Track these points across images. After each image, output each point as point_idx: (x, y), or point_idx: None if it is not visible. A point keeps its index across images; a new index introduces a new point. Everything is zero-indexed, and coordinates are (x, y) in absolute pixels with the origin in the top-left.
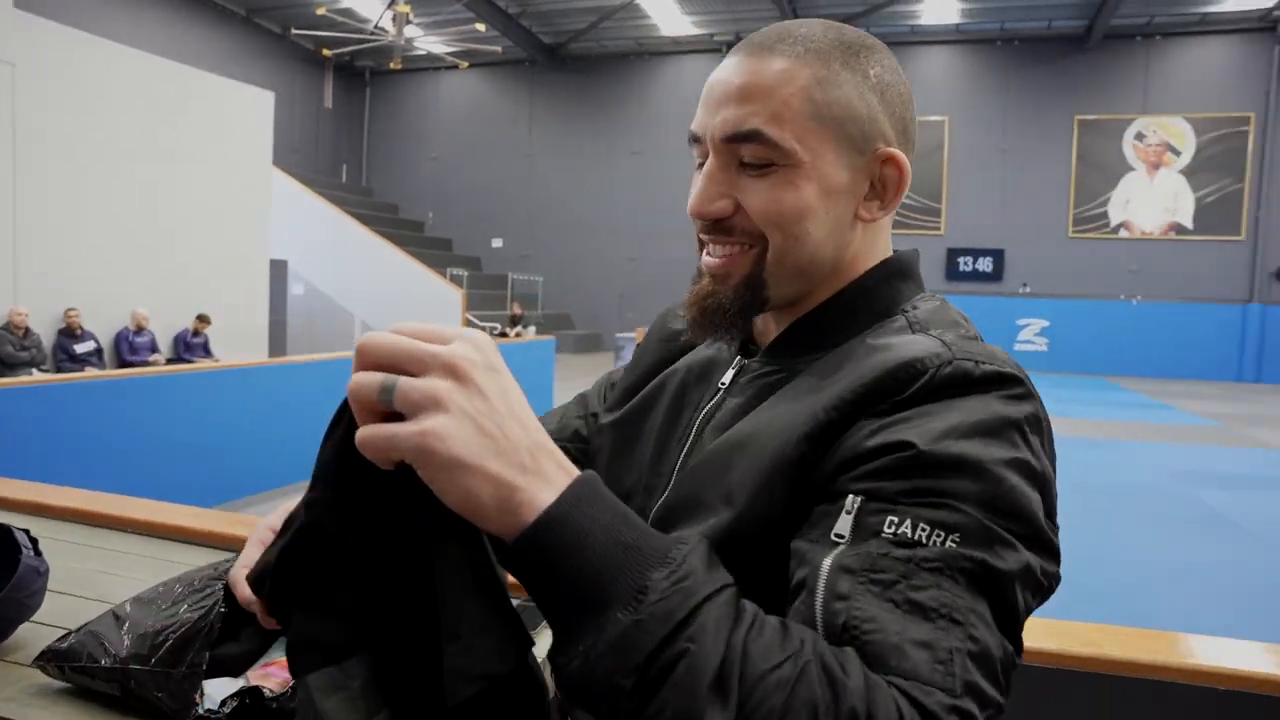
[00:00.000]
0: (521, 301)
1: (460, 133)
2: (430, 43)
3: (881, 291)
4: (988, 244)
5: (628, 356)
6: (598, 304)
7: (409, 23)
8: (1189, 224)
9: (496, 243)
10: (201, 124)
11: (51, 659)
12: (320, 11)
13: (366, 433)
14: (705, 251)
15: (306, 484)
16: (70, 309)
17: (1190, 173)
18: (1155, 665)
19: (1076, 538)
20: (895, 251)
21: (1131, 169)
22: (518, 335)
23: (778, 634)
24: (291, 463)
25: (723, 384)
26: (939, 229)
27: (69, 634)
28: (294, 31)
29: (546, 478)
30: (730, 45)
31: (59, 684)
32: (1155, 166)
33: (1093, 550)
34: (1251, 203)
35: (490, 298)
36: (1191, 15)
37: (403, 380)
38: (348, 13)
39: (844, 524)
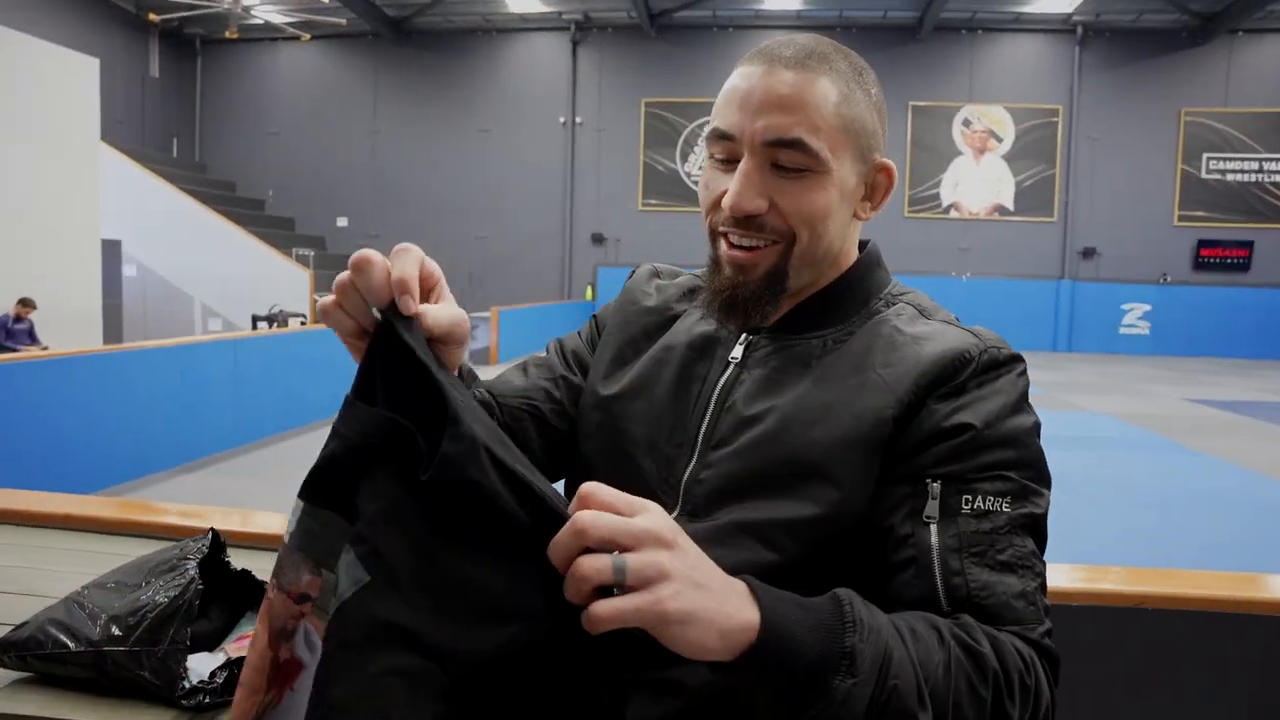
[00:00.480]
0: None
1: (301, 107)
2: (267, 11)
3: (866, 279)
4: None
5: (482, 336)
6: (448, 283)
7: None
8: (1010, 205)
9: (342, 221)
10: (18, 92)
11: (10, 649)
12: None
13: (603, 609)
14: (727, 243)
15: (153, 478)
16: None
17: (1011, 158)
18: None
19: None
20: (866, 242)
21: (960, 153)
22: None
23: (927, 633)
24: (138, 453)
25: (734, 358)
26: None
27: (23, 625)
28: None
29: (741, 599)
30: (579, 24)
31: (18, 674)
32: (981, 151)
33: None
34: (1062, 187)
35: (333, 278)
36: (1008, 14)
37: (631, 559)
38: None
39: (932, 508)
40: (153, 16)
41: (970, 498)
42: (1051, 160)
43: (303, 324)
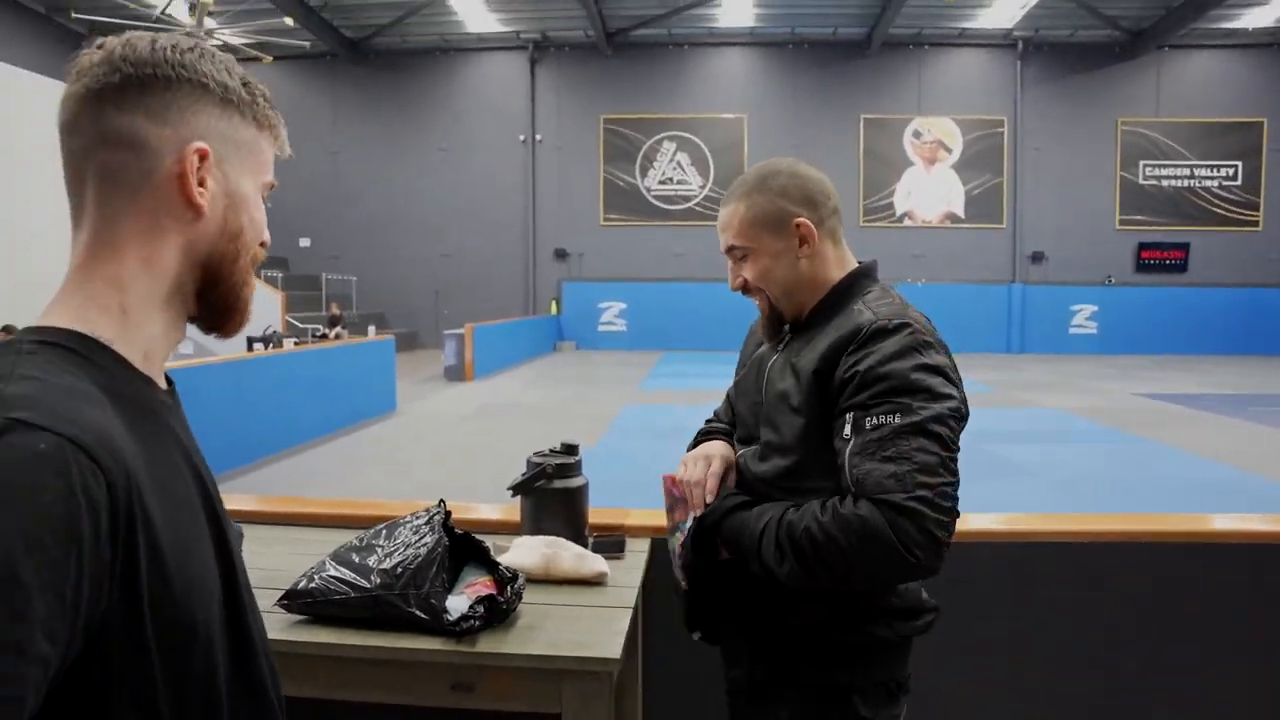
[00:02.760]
0: (338, 302)
1: None
2: (226, 34)
3: (849, 289)
4: None
5: (451, 354)
6: (413, 301)
7: (209, 14)
8: (961, 213)
9: (304, 242)
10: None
11: (299, 599)
12: None
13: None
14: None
15: None
16: None
17: (960, 168)
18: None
19: None
20: (860, 262)
21: (912, 163)
22: (337, 337)
23: (770, 515)
24: None
25: (775, 353)
26: None
27: (303, 580)
28: (75, 15)
29: None
30: (536, 44)
31: (297, 617)
32: (931, 162)
33: None
34: (1009, 194)
35: (304, 299)
36: (952, 30)
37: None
38: None
39: (847, 430)
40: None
41: (869, 418)
42: (999, 169)
43: (296, 344)
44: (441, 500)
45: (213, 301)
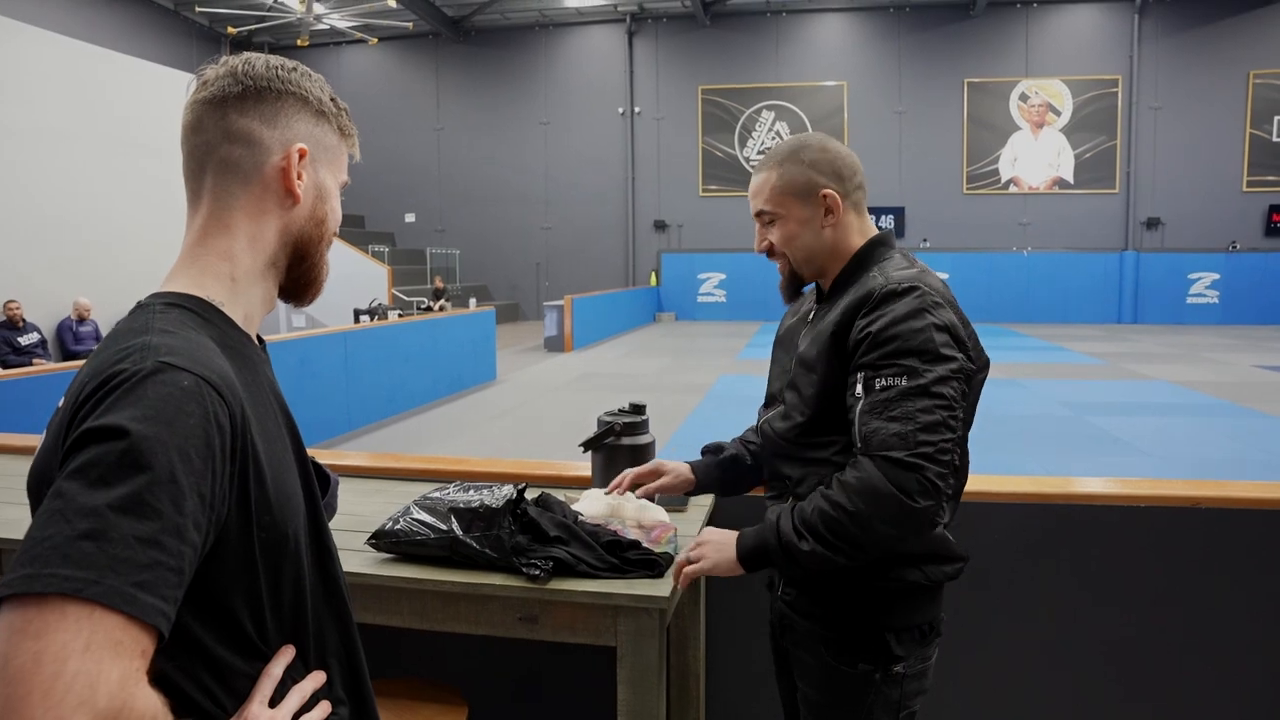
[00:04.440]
0: (441, 275)
1: (367, 108)
2: (334, 19)
3: (868, 256)
4: (889, 202)
5: (551, 325)
6: (515, 274)
7: (316, 0)
8: (1070, 179)
9: (410, 217)
10: (128, 109)
11: (385, 538)
12: None
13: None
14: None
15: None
16: (10, 301)
17: (1070, 131)
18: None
19: (996, 456)
20: (879, 229)
21: (1018, 128)
22: (441, 309)
23: (808, 502)
24: None
25: (807, 320)
26: None
27: (389, 523)
28: (199, 9)
29: (731, 544)
30: (634, 16)
31: (384, 555)
32: (1039, 126)
33: (1011, 465)
34: (1123, 158)
35: (409, 273)
36: None
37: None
38: None
39: (859, 389)
40: (231, 29)
41: (879, 379)
42: (1112, 131)
43: (400, 316)
44: (525, 484)
45: (297, 275)
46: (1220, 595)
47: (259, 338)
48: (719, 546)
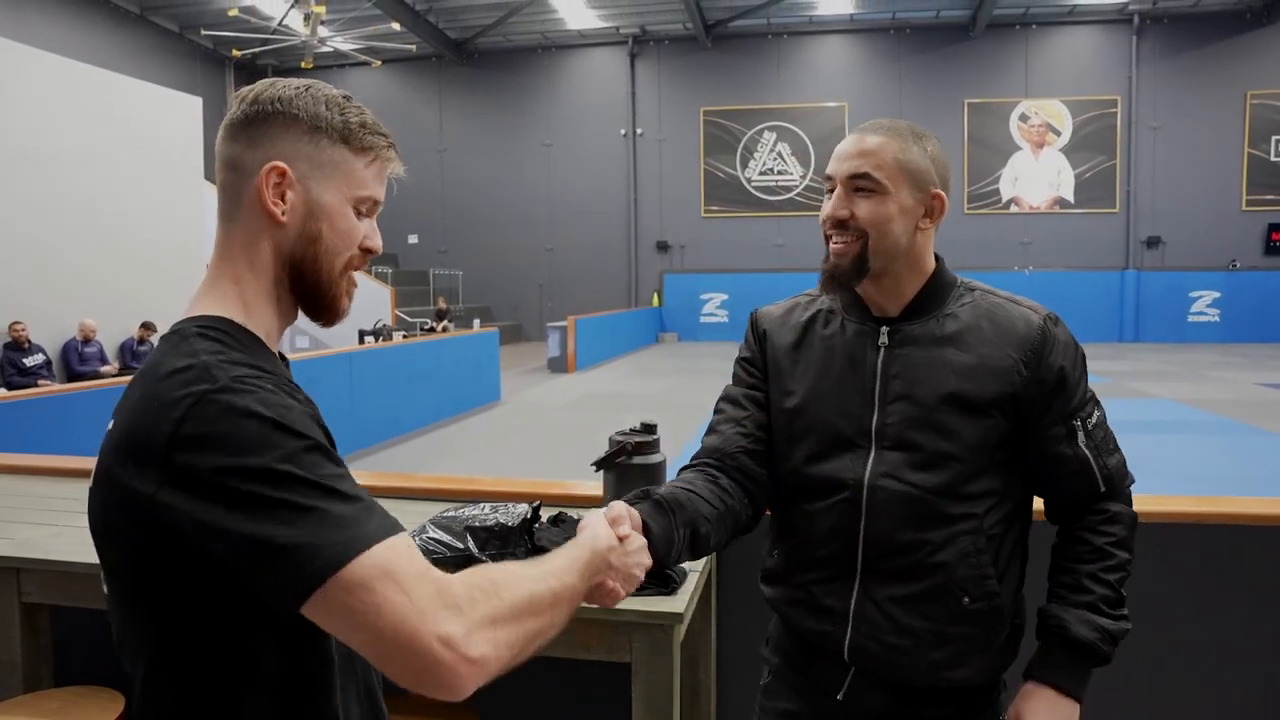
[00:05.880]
0: (444, 296)
1: None
2: (338, 41)
3: (946, 277)
4: None
5: (554, 346)
6: (518, 295)
7: (321, 22)
8: (1070, 198)
9: (413, 239)
10: (132, 130)
11: None
12: (233, 12)
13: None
14: (830, 242)
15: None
16: (15, 322)
17: (1070, 151)
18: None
19: None
20: (936, 254)
21: (1018, 148)
22: (445, 330)
23: (1101, 545)
24: None
25: (883, 344)
26: None
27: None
28: (204, 32)
29: None
30: (636, 38)
31: None
32: (1039, 145)
33: None
34: (1123, 177)
35: (413, 294)
36: (1062, 6)
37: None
38: (250, 10)
39: (1081, 436)
40: (236, 52)
41: (1090, 418)
42: (1111, 151)
43: (404, 337)
44: (539, 502)
45: (302, 294)
46: (1223, 611)
47: (281, 355)
48: (1049, 710)
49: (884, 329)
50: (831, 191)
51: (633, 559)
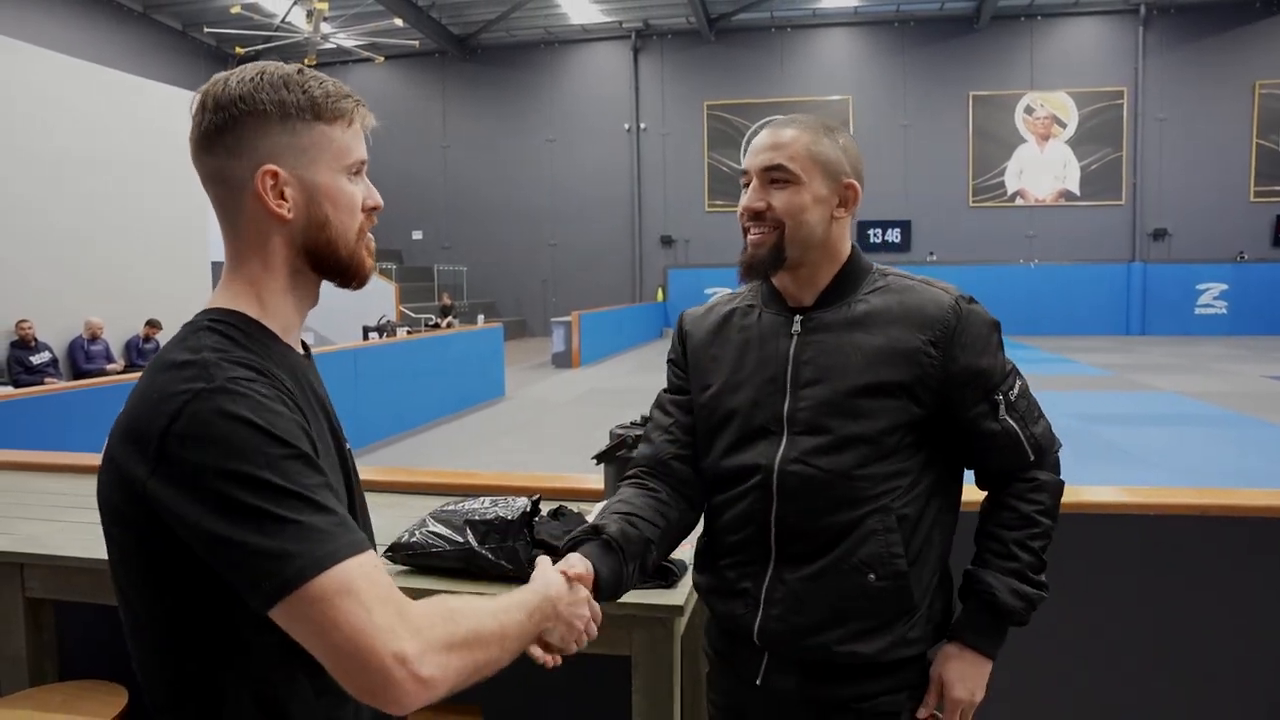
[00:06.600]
0: (449, 292)
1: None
2: (341, 38)
3: (859, 264)
4: (895, 216)
5: (559, 341)
6: (522, 290)
7: (324, 19)
8: (1076, 190)
9: (417, 235)
10: (135, 128)
11: (401, 551)
12: (235, 9)
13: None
14: (748, 234)
15: None
16: (22, 321)
17: (1075, 143)
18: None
19: None
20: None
21: (1023, 140)
22: (449, 326)
23: (1008, 540)
24: None
25: (795, 331)
26: None
27: (405, 535)
28: (207, 29)
29: None
30: (639, 32)
31: (400, 567)
32: (1044, 138)
33: None
34: (1129, 169)
35: (417, 290)
36: None
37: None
38: (253, 7)
39: (1002, 409)
40: (239, 49)
41: (1011, 390)
42: (1117, 143)
43: (408, 333)
44: (539, 496)
45: (326, 270)
46: (1227, 603)
47: (304, 344)
48: (972, 672)
49: (797, 317)
50: (748, 185)
51: (575, 610)
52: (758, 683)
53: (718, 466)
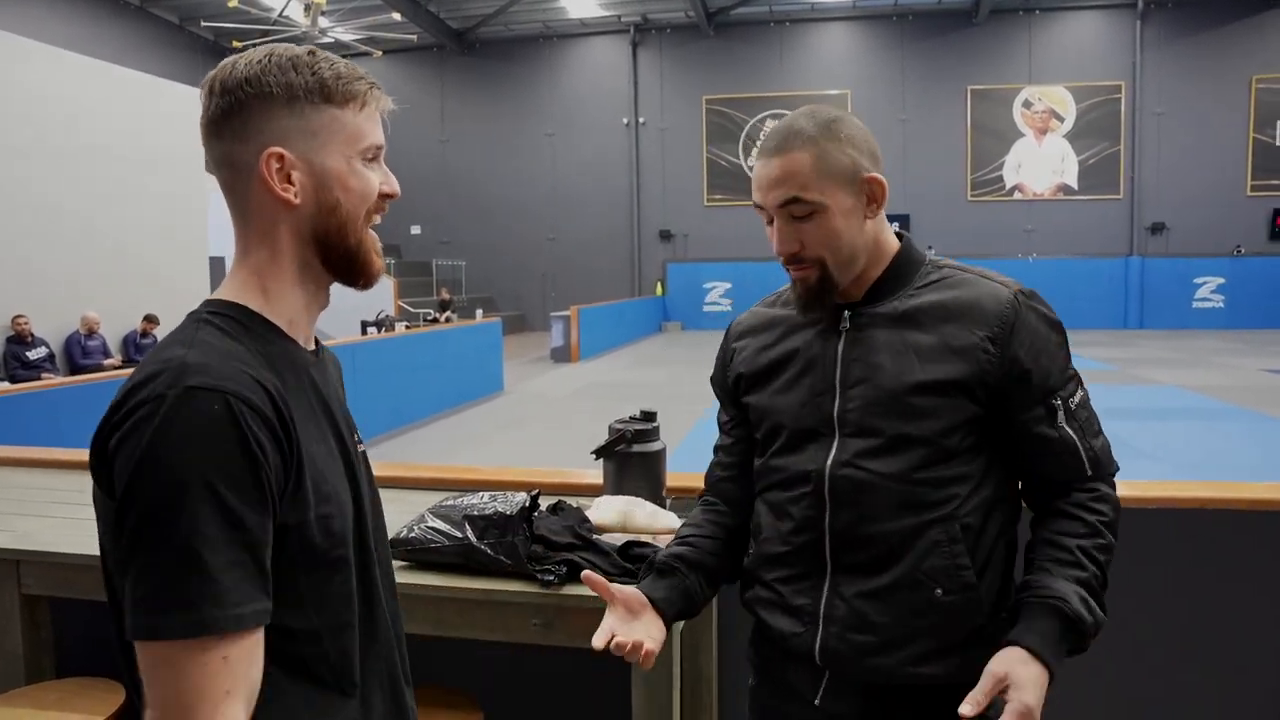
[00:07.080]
0: (448, 287)
1: None
2: (339, 32)
3: (912, 255)
4: (893, 210)
5: (558, 336)
6: (520, 285)
7: (322, 13)
8: (1074, 185)
9: (415, 229)
10: (132, 123)
11: (400, 546)
12: (233, 3)
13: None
14: (790, 271)
15: None
16: (18, 316)
17: (1073, 137)
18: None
19: None
20: (898, 230)
21: (1022, 135)
22: (448, 320)
23: (1078, 529)
24: None
25: (844, 329)
26: None
27: (404, 531)
28: (204, 23)
29: None
30: (637, 26)
31: (399, 563)
32: (1043, 132)
33: None
34: (1127, 163)
35: (416, 284)
36: None
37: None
38: (250, 1)
39: (1061, 416)
40: (236, 43)
41: (1071, 399)
42: (1115, 137)
43: (407, 328)
44: (538, 491)
45: (335, 264)
46: (1229, 597)
47: (316, 341)
48: (1042, 682)
49: (845, 313)
50: (770, 222)
51: None
52: (816, 703)
53: (768, 470)
